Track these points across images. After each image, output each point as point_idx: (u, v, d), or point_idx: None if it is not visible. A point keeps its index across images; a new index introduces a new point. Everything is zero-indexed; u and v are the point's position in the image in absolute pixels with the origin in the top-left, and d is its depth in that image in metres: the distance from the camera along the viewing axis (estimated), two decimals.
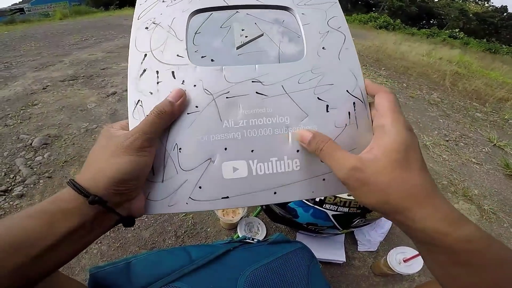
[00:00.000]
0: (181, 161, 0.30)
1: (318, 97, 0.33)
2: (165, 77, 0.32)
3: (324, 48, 0.35)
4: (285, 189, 0.32)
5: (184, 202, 0.30)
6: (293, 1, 0.37)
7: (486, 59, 8.26)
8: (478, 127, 2.45)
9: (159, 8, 0.35)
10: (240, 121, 0.31)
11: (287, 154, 0.32)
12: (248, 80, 0.32)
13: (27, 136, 1.55)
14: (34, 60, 3.11)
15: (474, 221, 1.36)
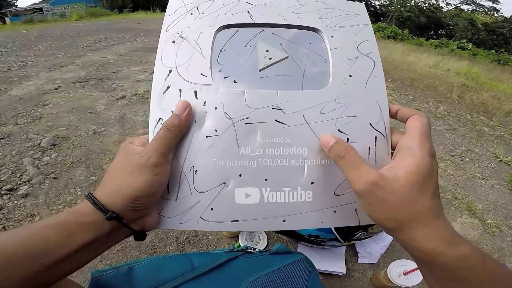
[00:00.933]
0: (196, 183, 0.31)
1: (339, 129, 0.32)
2: (188, 96, 0.32)
3: (351, 76, 0.34)
4: (295, 218, 0.32)
5: (195, 221, 0.31)
6: (322, 22, 0.36)
7: (495, 71, 8.17)
8: (484, 142, 2.42)
9: (187, 21, 0.35)
10: (257, 149, 0.31)
11: (301, 185, 0.31)
12: (269, 107, 0.32)
13: (36, 136, 1.59)
14: (49, 60, 3.20)
15: (477, 235, 1.36)
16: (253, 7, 0.35)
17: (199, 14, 0.35)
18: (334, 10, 0.37)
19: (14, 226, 1.06)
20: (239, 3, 0.36)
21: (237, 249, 0.66)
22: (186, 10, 0.35)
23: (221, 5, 0.35)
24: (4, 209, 1.13)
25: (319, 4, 0.37)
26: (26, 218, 1.10)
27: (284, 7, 0.36)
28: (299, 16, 0.36)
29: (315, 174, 0.32)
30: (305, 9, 0.36)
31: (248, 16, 0.35)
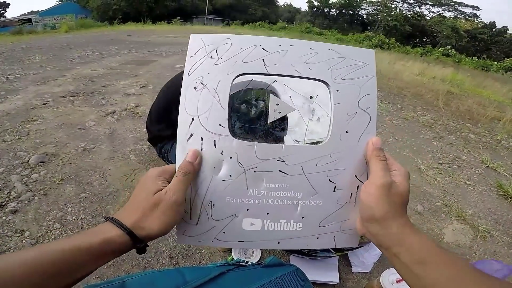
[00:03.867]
0: (213, 213, 0.38)
1: (330, 179, 0.38)
2: (208, 144, 0.38)
3: (347, 132, 0.39)
4: (287, 241, 0.40)
5: (210, 240, 0.39)
6: (331, 74, 0.39)
7: (478, 77, 8.44)
8: (471, 149, 2.49)
9: (207, 65, 0.38)
10: (262, 191, 0.38)
11: (293, 218, 0.39)
12: (274, 159, 0.38)
13: (24, 153, 1.56)
14: (37, 73, 3.17)
15: (468, 240, 1.39)
16: (268, 55, 0.39)
17: (218, 59, 0.38)
18: (344, 60, 0.40)
19: (3, 242, 1.04)
20: (255, 49, 0.39)
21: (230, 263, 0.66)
22: (206, 53, 0.39)
23: (239, 49, 0.39)
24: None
25: (331, 53, 0.40)
26: (16, 234, 1.08)
27: (298, 55, 0.39)
28: (310, 67, 0.39)
29: (305, 211, 0.39)
30: (317, 58, 0.39)
31: (263, 65, 0.38)
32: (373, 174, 0.37)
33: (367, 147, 0.39)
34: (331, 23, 32.15)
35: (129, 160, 1.60)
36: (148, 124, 1.40)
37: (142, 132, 1.84)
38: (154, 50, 5.02)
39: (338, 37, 16.79)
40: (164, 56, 4.63)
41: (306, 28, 18.45)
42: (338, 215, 0.39)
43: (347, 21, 33.06)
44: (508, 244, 1.39)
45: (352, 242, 0.41)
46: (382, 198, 0.35)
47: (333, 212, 0.39)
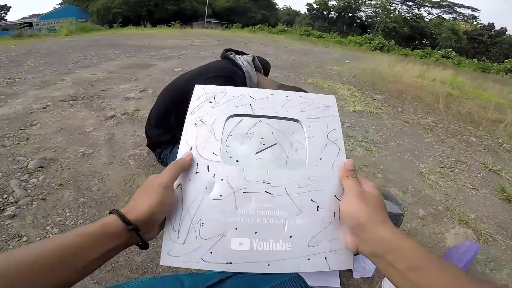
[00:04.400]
0: (201, 232, 0.40)
1: (312, 199, 0.42)
2: (202, 169, 0.43)
3: (322, 159, 0.45)
4: (277, 263, 0.40)
5: (196, 261, 0.39)
6: (303, 114, 0.49)
7: (479, 79, 8.42)
8: (473, 153, 2.48)
9: (206, 108, 0.48)
10: (251, 211, 0.41)
11: (281, 238, 0.41)
12: (260, 181, 0.42)
13: (23, 158, 1.55)
14: (37, 77, 3.17)
15: None
16: (254, 101, 0.49)
17: (215, 103, 0.48)
18: (312, 103, 0.50)
19: (1, 247, 1.04)
20: (244, 96, 0.50)
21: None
22: (206, 98, 0.49)
23: (231, 97, 0.49)
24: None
25: (302, 99, 0.51)
26: (14, 239, 1.08)
27: (277, 101, 0.50)
28: (286, 109, 0.49)
29: (293, 231, 0.41)
30: (291, 103, 0.50)
31: (250, 109, 0.48)
32: (347, 189, 0.41)
33: (341, 169, 0.44)
34: (330, 25, 32.29)
35: (128, 165, 1.59)
36: (147, 129, 1.39)
37: (142, 137, 1.83)
38: (154, 54, 5.03)
39: (338, 39, 16.80)
40: (164, 59, 4.64)
41: (306, 31, 18.47)
42: (326, 234, 0.41)
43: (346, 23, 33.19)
44: (511, 248, 1.38)
45: (346, 264, 0.42)
46: (361, 203, 0.38)
47: (320, 231, 0.41)
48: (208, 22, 27.18)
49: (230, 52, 1.20)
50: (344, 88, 3.89)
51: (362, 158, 2.04)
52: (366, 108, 3.14)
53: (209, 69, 1.13)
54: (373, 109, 3.13)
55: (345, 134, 2.41)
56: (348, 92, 3.70)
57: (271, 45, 8.52)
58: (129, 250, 1.08)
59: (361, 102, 3.35)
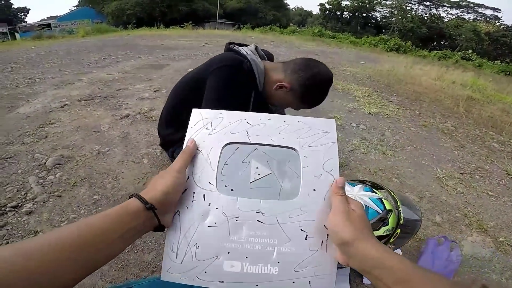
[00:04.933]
0: (197, 254, 0.43)
1: (301, 228, 0.44)
2: (198, 197, 0.45)
3: (315, 190, 0.46)
4: (264, 284, 0.43)
5: (192, 278, 0.43)
6: (300, 142, 0.48)
7: (501, 82, 8.08)
8: (494, 159, 2.36)
9: (203, 135, 0.49)
10: (243, 237, 0.44)
11: (270, 262, 0.43)
12: (253, 210, 0.45)
13: (42, 155, 1.60)
14: (55, 77, 3.27)
15: (488, 253, 1.31)
16: (251, 127, 0.49)
17: (212, 130, 0.49)
18: (310, 129, 0.50)
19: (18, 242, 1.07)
20: (241, 122, 0.50)
21: None
22: (203, 124, 0.50)
23: (228, 123, 0.50)
24: (8, 225, 1.14)
25: (299, 124, 0.50)
26: (29, 235, 1.10)
27: (273, 127, 0.50)
28: (283, 136, 0.49)
29: (281, 257, 0.43)
30: (289, 129, 0.50)
31: (246, 136, 0.49)
32: (334, 206, 0.43)
33: (332, 185, 0.45)
34: (344, 26, 31.87)
35: (141, 163, 1.61)
36: (160, 129, 1.40)
37: (155, 136, 1.85)
38: (167, 54, 5.10)
39: (352, 40, 16.54)
40: (177, 60, 4.69)
41: (318, 31, 18.26)
42: (312, 261, 0.44)
43: (361, 24, 32.67)
44: None
45: (328, 286, 0.44)
46: (345, 222, 0.40)
47: (306, 258, 0.44)
48: (220, 23, 27.40)
49: (233, 45, 1.20)
50: (359, 90, 3.80)
51: (377, 162, 1.98)
52: (382, 110, 3.06)
53: (215, 61, 1.13)
54: (389, 112, 3.04)
55: (360, 136, 2.36)
56: (363, 94, 3.62)
57: (283, 46, 8.48)
58: (140, 249, 1.09)
59: (376, 104, 3.27)
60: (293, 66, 1.09)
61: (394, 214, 0.94)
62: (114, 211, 0.37)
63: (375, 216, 0.92)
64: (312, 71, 1.05)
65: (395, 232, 0.91)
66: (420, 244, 1.28)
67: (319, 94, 1.10)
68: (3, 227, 1.13)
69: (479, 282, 1.16)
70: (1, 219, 1.16)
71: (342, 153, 2.03)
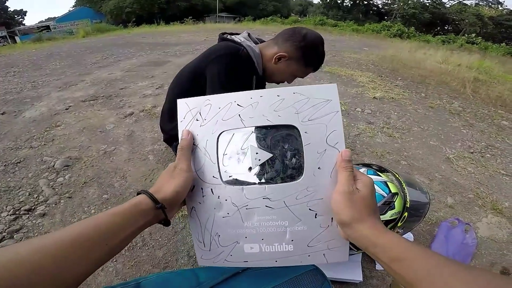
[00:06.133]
0: (220, 241, 0.47)
1: (310, 208, 0.44)
2: (207, 192, 0.46)
3: (320, 168, 0.44)
4: (283, 259, 0.46)
5: (222, 261, 0.48)
6: (298, 117, 0.44)
7: (508, 64, 7.86)
8: (505, 136, 2.32)
9: (195, 127, 0.47)
10: (256, 223, 0.46)
11: (284, 241, 0.45)
12: (260, 197, 0.45)
13: (50, 158, 1.61)
14: (59, 79, 3.28)
15: (506, 235, 1.29)
16: (242, 109, 0.46)
17: (202, 121, 0.47)
18: (308, 100, 0.44)
19: None
20: (231, 106, 0.46)
21: None
22: (192, 116, 0.47)
23: (217, 109, 0.47)
24: (24, 228, 1.16)
25: (296, 96, 0.45)
26: None
27: (267, 105, 0.45)
28: (279, 114, 0.45)
29: (294, 236, 0.45)
30: (284, 104, 0.45)
31: (240, 120, 0.46)
32: (338, 183, 0.42)
33: (337, 159, 0.43)
34: (346, 14, 31.29)
35: (147, 160, 1.61)
36: (162, 124, 1.40)
37: (159, 133, 1.86)
38: (169, 51, 5.09)
39: (354, 27, 16.22)
40: (179, 56, 4.68)
41: (320, 21, 17.96)
42: (323, 237, 0.45)
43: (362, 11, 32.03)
44: None
45: (342, 257, 0.46)
46: (346, 204, 0.40)
47: (318, 235, 0.45)
48: (220, 16, 27.19)
49: (226, 35, 1.21)
50: (363, 75, 3.75)
51: (384, 145, 1.96)
52: (387, 94, 3.01)
53: (212, 51, 1.14)
54: (395, 95, 3.00)
55: (365, 120, 2.33)
56: (367, 79, 3.56)
57: None
58: (151, 245, 1.10)
59: (381, 89, 3.22)
60: (282, 37, 1.11)
61: (400, 197, 0.92)
62: (127, 210, 0.38)
63: (380, 199, 0.90)
64: (301, 34, 1.08)
65: (402, 215, 0.89)
66: (433, 227, 1.26)
67: (318, 52, 1.11)
68: (19, 230, 1.15)
69: (499, 265, 1.13)
70: (17, 223, 1.18)
71: (347, 138, 2.02)
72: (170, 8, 23.69)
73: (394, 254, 0.35)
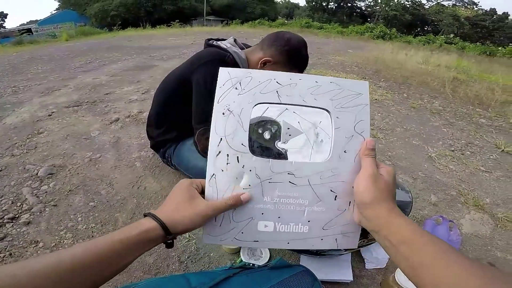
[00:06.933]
0: (234, 216, 0.45)
1: (331, 189, 0.46)
2: (232, 160, 0.45)
3: (345, 152, 0.46)
4: (295, 242, 0.46)
5: (230, 239, 0.46)
6: (332, 104, 0.47)
7: (484, 63, 8.23)
8: (483, 134, 2.42)
9: (233, 95, 0.47)
10: (275, 198, 0.45)
11: (301, 222, 0.46)
12: (285, 172, 0.45)
13: (33, 166, 1.57)
14: (41, 84, 3.18)
15: (489, 230, 1.32)
16: (281, 87, 0.47)
17: (241, 90, 0.47)
18: (343, 91, 0.48)
19: (20, 253, 1.06)
20: (270, 82, 0.47)
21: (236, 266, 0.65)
22: (232, 84, 0.47)
23: (257, 82, 0.47)
24: (9, 237, 1.12)
25: (332, 85, 0.48)
26: (31, 245, 1.09)
27: (305, 88, 0.47)
28: (315, 97, 0.47)
29: (311, 216, 0.46)
30: (321, 90, 0.47)
31: (277, 96, 0.47)
32: (363, 168, 0.44)
33: (362, 147, 0.46)
34: (331, 16, 31.87)
35: (134, 167, 1.60)
36: (149, 130, 1.39)
37: (146, 139, 1.84)
38: (155, 55, 5.03)
39: (339, 30, 16.56)
40: (165, 59, 4.64)
41: (306, 23, 18.25)
42: (339, 220, 0.46)
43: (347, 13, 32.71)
44: None
45: (352, 244, 0.48)
46: (370, 185, 0.41)
47: (334, 217, 0.46)
48: (208, 20, 27.09)
49: (212, 41, 1.22)
50: (348, 78, 3.83)
51: None
52: (371, 96, 3.08)
53: (198, 58, 1.15)
54: (378, 96, 3.08)
55: None
56: None
57: None
58: None
59: None
60: (267, 42, 1.14)
61: None
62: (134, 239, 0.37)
63: None
64: (284, 38, 1.11)
65: None
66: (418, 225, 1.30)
67: (301, 55, 1.14)
68: (4, 239, 1.11)
69: (484, 260, 1.15)
70: (1, 231, 1.15)
71: None
72: (157, 11, 23.46)
73: (405, 236, 0.36)
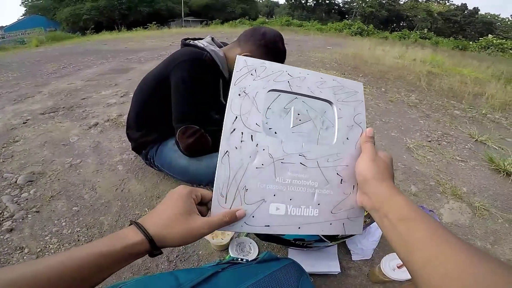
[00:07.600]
0: (246, 198, 0.45)
1: (337, 173, 0.49)
2: (247, 138, 0.46)
3: (348, 139, 0.51)
4: (306, 226, 0.47)
5: (240, 225, 0.44)
6: (335, 97, 0.53)
7: (457, 57, 8.62)
8: (458, 124, 2.54)
9: (249, 80, 0.49)
10: (287, 179, 0.46)
11: (311, 205, 0.47)
12: (297, 153, 0.48)
13: (11, 174, 1.50)
14: (12, 91, 3.02)
15: (467, 219, 1.37)
16: (292, 78, 0.52)
17: (256, 76, 0.50)
18: (343, 87, 0.54)
19: (6, 259, 1.03)
20: (282, 73, 0.52)
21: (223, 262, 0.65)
22: (248, 70, 0.50)
23: (271, 72, 0.51)
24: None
25: (334, 82, 0.54)
26: (16, 251, 1.07)
27: (312, 81, 0.53)
28: (321, 90, 0.53)
29: (320, 199, 0.48)
30: (325, 85, 0.53)
31: (288, 86, 0.51)
32: (363, 151, 0.48)
33: (362, 135, 0.51)
34: (310, 14, 32.33)
35: (117, 170, 1.56)
36: (129, 133, 1.37)
37: (127, 142, 1.80)
38: (132, 57, 4.91)
39: (318, 27, 16.82)
40: (143, 62, 4.54)
41: (286, 21, 18.42)
42: (345, 204, 0.49)
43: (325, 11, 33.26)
44: (508, 221, 1.37)
45: (357, 230, 0.50)
46: (370, 164, 0.45)
47: (341, 201, 0.48)
48: (186, 21, 26.72)
49: (188, 40, 1.21)
50: (328, 74, 3.91)
51: None
52: None
53: (175, 57, 1.14)
54: None
55: None
56: None
57: None
58: None
59: None
60: (243, 38, 1.14)
61: None
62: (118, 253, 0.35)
63: None
64: (260, 33, 1.12)
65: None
66: None
67: (278, 48, 1.15)
68: None
69: None
70: None
71: None
72: (132, 14, 22.88)
73: (404, 213, 0.38)
